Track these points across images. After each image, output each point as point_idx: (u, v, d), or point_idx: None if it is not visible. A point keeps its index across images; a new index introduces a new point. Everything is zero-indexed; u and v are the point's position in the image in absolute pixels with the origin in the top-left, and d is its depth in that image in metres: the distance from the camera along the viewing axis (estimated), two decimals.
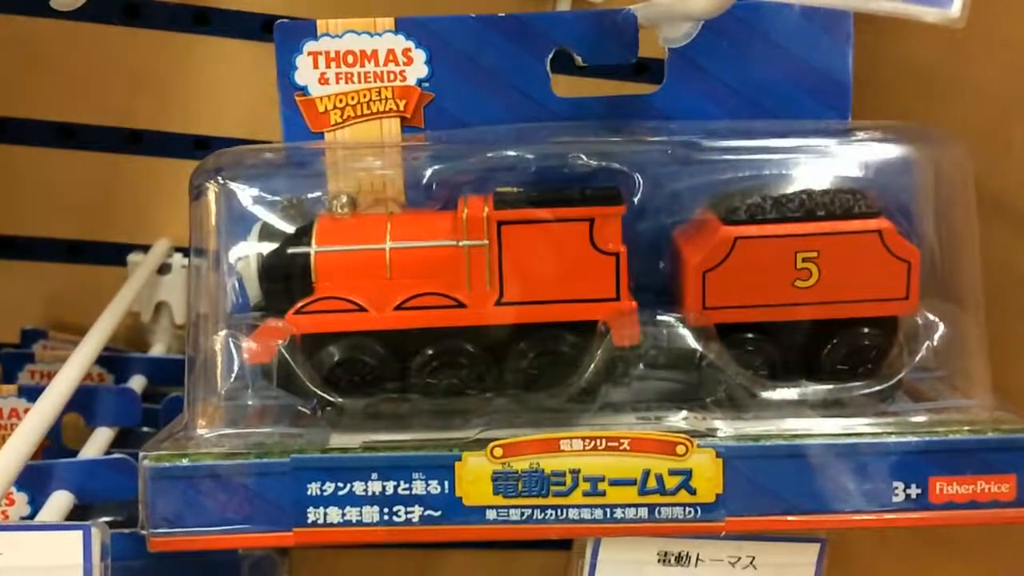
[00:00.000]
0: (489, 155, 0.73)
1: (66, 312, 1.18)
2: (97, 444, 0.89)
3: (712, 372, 0.71)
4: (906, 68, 0.98)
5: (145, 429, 0.95)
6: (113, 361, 1.08)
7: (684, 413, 0.70)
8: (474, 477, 0.65)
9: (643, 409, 0.72)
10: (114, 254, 1.20)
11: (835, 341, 0.71)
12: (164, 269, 1.13)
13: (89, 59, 1.16)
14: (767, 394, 0.71)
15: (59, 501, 0.76)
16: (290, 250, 0.70)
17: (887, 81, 0.97)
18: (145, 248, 1.17)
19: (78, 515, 0.76)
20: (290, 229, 0.72)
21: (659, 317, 0.71)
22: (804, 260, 0.69)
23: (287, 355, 0.68)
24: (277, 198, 0.73)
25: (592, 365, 0.69)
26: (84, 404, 0.91)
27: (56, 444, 0.94)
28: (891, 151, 0.73)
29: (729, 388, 0.70)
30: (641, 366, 0.70)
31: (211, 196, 0.71)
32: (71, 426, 0.94)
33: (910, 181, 0.72)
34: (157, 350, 1.15)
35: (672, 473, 0.66)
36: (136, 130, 1.20)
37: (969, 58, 0.93)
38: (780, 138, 0.74)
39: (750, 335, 0.71)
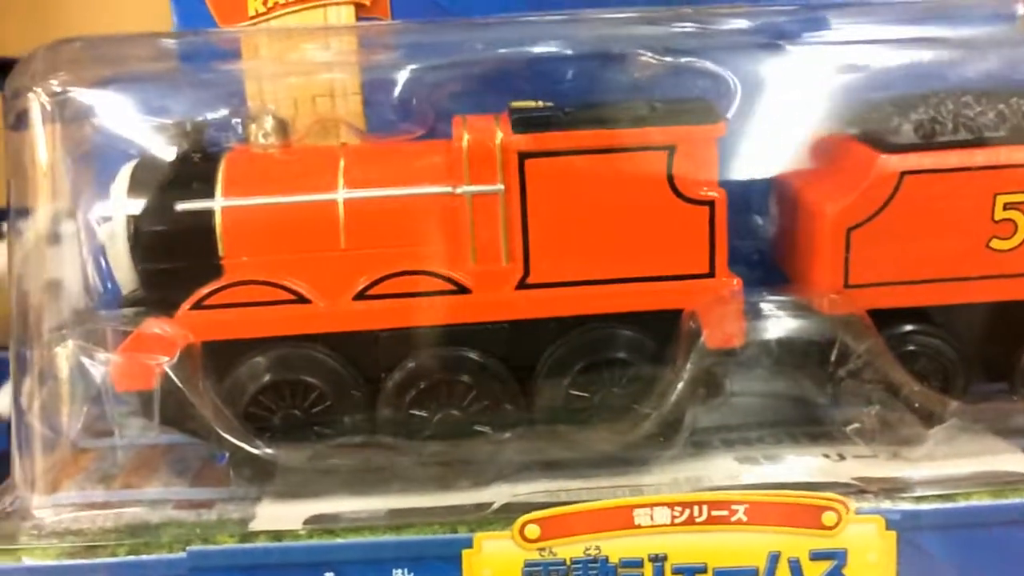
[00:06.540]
0: (501, 51, 0.57)
1: None
2: None
3: (857, 385, 0.55)
4: None
5: None
6: None
7: (817, 454, 0.55)
8: (495, 572, 0.50)
9: (740, 443, 0.58)
10: None
11: None
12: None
13: None
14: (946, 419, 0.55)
15: None
16: (181, 206, 0.54)
17: None
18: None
19: None
20: (183, 172, 0.56)
21: (764, 303, 0.56)
22: (1008, 207, 0.55)
23: (178, 378, 0.52)
24: (162, 120, 0.56)
25: (681, 382, 0.53)
26: None
27: None
28: None
29: (887, 409, 0.55)
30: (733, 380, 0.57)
31: (36, 117, 0.54)
32: None
33: None
34: None
35: (815, 557, 0.50)
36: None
37: None
38: (954, 23, 0.59)
39: (912, 327, 0.57)
